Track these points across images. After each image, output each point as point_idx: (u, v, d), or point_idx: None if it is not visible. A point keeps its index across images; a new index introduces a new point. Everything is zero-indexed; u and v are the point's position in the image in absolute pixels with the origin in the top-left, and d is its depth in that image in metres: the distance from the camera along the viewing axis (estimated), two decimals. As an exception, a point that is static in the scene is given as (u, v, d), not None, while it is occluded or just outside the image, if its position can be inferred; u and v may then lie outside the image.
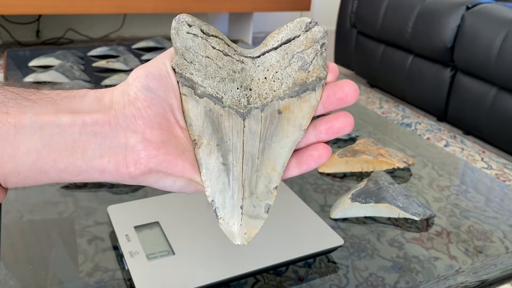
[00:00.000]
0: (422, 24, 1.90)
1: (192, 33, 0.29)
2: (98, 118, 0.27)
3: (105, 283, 0.41)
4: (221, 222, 0.29)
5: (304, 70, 0.29)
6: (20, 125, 0.25)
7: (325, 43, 0.30)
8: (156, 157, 0.27)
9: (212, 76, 0.29)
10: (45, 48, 1.13)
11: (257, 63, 0.30)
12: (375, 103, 2.16)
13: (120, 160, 0.27)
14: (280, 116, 0.29)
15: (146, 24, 2.97)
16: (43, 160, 0.26)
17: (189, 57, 0.29)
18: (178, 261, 0.42)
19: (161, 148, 0.27)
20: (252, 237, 0.29)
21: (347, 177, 0.62)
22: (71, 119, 0.26)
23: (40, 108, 0.26)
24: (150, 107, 0.27)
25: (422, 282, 0.44)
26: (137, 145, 0.27)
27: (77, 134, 0.26)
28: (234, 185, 0.29)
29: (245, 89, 0.29)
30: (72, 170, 0.27)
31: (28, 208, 0.51)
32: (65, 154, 0.26)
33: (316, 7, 3.46)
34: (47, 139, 0.26)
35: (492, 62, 1.62)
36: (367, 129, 0.78)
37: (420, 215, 0.52)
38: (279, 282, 0.42)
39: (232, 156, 0.29)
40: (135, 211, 0.48)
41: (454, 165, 0.68)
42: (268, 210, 0.29)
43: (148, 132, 0.27)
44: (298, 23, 0.30)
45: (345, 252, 0.47)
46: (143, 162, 0.27)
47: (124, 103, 0.27)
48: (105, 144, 0.27)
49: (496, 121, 1.64)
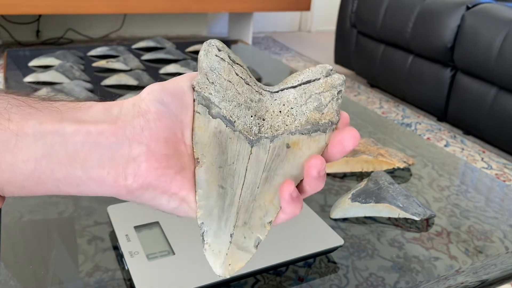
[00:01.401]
0: (422, 24, 1.90)
1: (220, 56, 0.30)
2: (103, 128, 0.26)
3: (105, 283, 0.41)
4: (207, 248, 0.28)
5: (318, 111, 0.30)
6: (23, 132, 0.25)
7: (342, 91, 0.30)
8: (157, 170, 0.27)
9: (230, 100, 0.29)
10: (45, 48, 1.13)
11: (274, 96, 0.30)
12: (375, 103, 2.16)
13: (119, 171, 0.26)
14: (288, 150, 0.29)
15: (146, 24, 2.97)
16: (42, 169, 0.25)
17: (212, 78, 0.29)
18: (178, 261, 0.42)
19: (162, 161, 0.27)
20: (235, 271, 0.28)
21: (347, 177, 0.62)
22: (75, 128, 0.26)
23: (44, 116, 0.26)
24: (160, 120, 0.27)
25: (422, 282, 0.44)
26: (140, 156, 0.26)
27: (80, 143, 0.26)
28: (229, 210, 0.28)
29: (259, 118, 0.30)
30: (70, 181, 0.26)
31: (28, 208, 0.51)
32: (64, 164, 0.26)
33: (316, 7, 3.46)
34: (48, 148, 0.25)
35: (492, 62, 1.62)
36: (367, 129, 0.78)
37: (420, 215, 0.52)
38: (279, 282, 0.42)
39: (233, 180, 0.29)
40: (135, 211, 0.48)
41: (454, 165, 0.68)
42: (258, 245, 0.28)
43: (153, 145, 0.27)
44: (320, 68, 0.31)
45: (345, 252, 0.47)
46: (143, 175, 0.26)
47: (134, 115, 0.27)
48: (107, 155, 0.26)
49: (496, 121, 1.64)
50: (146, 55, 1.08)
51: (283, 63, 1.41)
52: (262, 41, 3.23)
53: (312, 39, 3.42)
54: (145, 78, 0.91)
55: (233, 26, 3.01)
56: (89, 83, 0.87)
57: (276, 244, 0.44)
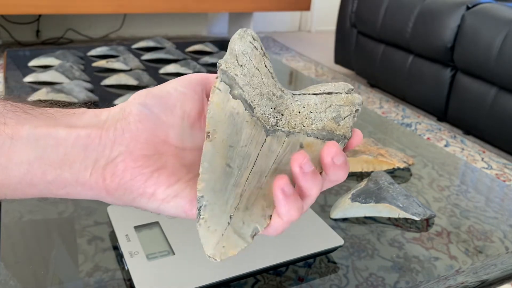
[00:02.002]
0: (422, 24, 1.90)
1: (254, 45, 0.30)
2: (91, 131, 0.27)
3: (105, 283, 0.41)
4: (202, 223, 0.26)
5: (336, 122, 0.30)
6: (17, 136, 0.26)
7: (359, 110, 0.31)
8: (133, 169, 0.27)
9: (254, 86, 0.29)
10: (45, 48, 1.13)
11: (295, 98, 0.31)
12: (375, 103, 2.16)
13: (99, 173, 0.27)
14: (301, 150, 0.29)
15: (146, 24, 2.97)
16: (34, 172, 0.26)
17: (242, 61, 0.29)
18: (178, 261, 0.42)
19: (139, 161, 0.27)
20: (227, 256, 0.26)
21: (347, 177, 0.62)
22: (67, 132, 0.27)
23: (38, 121, 0.27)
24: (141, 121, 0.28)
25: (422, 282, 0.44)
26: (118, 157, 0.27)
27: (70, 146, 0.27)
28: (232, 191, 0.27)
29: (278, 112, 0.30)
30: (59, 183, 0.27)
31: (28, 208, 0.51)
32: (55, 166, 0.26)
33: (316, 7, 3.46)
34: (40, 151, 0.26)
35: (492, 62, 1.62)
36: (367, 129, 0.78)
37: (420, 215, 0.52)
38: (279, 282, 0.42)
39: (242, 162, 0.28)
40: (135, 211, 0.48)
41: (454, 165, 0.68)
42: (255, 236, 0.27)
43: (132, 145, 0.27)
44: (343, 85, 0.32)
45: (345, 252, 0.47)
46: (119, 174, 0.27)
47: (118, 118, 0.28)
48: (92, 157, 0.27)
49: (496, 121, 1.64)
50: (146, 55, 1.07)
51: (283, 63, 1.41)
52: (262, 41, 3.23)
53: (312, 39, 3.42)
54: (145, 78, 0.91)
55: (233, 26, 3.01)
56: (89, 83, 0.87)
57: (276, 244, 0.44)
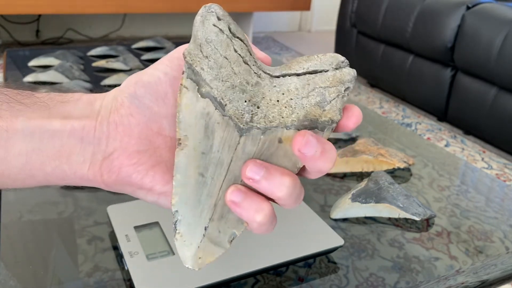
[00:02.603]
0: (422, 24, 1.90)
1: (219, 27, 0.26)
2: (85, 123, 0.27)
3: (105, 283, 0.41)
4: (178, 237, 0.26)
5: (320, 107, 0.27)
6: (12, 129, 0.26)
7: (350, 88, 0.28)
8: (128, 167, 0.27)
9: (223, 80, 0.26)
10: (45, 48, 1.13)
11: (274, 82, 0.27)
12: (375, 103, 2.16)
13: (96, 168, 0.27)
14: (280, 145, 0.27)
15: (146, 24, 2.97)
16: (32, 163, 0.26)
17: (206, 51, 0.26)
18: (178, 261, 0.41)
19: (133, 159, 0.27)
20: (205, 264, 0.27)
21: (347, 177, 0.62)
22: (61, 124, 0.27)
23: (32, 113, 0.27)
24: (133, 115, 0.27)
25: (423, 282, 0.44)
26: (113, 153, 0.27)
27: (66, 138, 0.27)
28: (206, 202, 0.27)
29: (253, 105, 0.27)
30: (58, 174, 0.27)
31: (28, 208, 0.51)
32: (53, 158, 0.27)
33: (316, 7, 3.46)
34: (37, 143, 0.26)
35: (492, 62, 1.62)
36: (367, 129, 0.78)
37: (420, 215, 0.52)
38: (279, 282, 0.42)
39: (214, 170, 0.27)
40: (135, 211, 0.48)
41: (454, 165, 0.68)
42: (232, 240, 0.27)
43: (126, 141, 0.27)
44: (331, 58, 0.28)
45: (345, 252, 0.47)
46: (115, 171, 0.27)
47: (111, 110, 0.27)
48: (89, 150, 0.27)
49: (496, 121, 1.64)
50: (146, 55, 1.07)
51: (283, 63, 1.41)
52: (262, 41, 3.23)
53: (312, 39, 3.42)
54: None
55: (233, 26, 3.01)
56: (89, 83, 0.87)
57: (276, 244, 0.44)
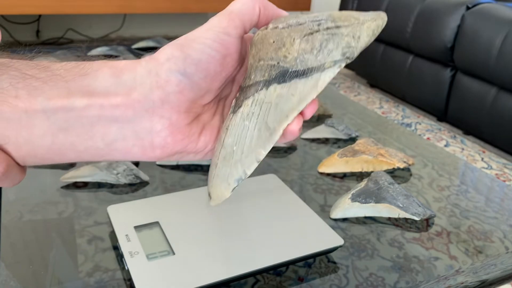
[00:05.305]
0: (422, 24, 1.90)
1: None
2: (117, 101, 0.25)
3: (105, 283, 0.41)
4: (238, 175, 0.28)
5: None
6: (32, 109, 0.24)
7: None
8: (182, 140, 0.27)
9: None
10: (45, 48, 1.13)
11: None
12: (375, 103, 2.16)
13: (146, 145, 0.26)
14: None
15: (146, 24, 2.97)
16: (60, 143, 0.25)
17: None
18: (178, 261, 0.42)
19: (186, 131, 0.27)
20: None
21: (347, 177, 0.62)
22: (86, 102, 0.25)
23: (50, 90, 0.25)
24: (182, 92, 0.26)
25: (422, 282, 0.44)
26: (164, 131, 0.26)
27: (95, 118, 0.25)
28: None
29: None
30: (93, 152, 0.26)
31: (28, 208, 0.51)
32: (84, 137, 0.25)
33: (316, 7, 3.46)
34: (62, 123, 0.25)
35: (492, 62, 1.62)
36: (367, 129, 0.78)
37: (420, 215, 0.52)
38: (279, 282, 0.42)
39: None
40: (135, 211, 0.48)
41: (454, 165, 0.68)
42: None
43: (175, 117, 0.26)
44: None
45: (345, 252, 0.47)
46: (169, 146, 0.27)
47: (151, 86, 0.26)
48: (128, 128, 0.26)
49: (496, 121, 1.64)
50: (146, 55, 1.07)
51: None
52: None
53: (312, 39, 3.41)
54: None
55: (233, 26, 3.01)
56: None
57: (276, 244, 0.44)
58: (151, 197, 0.51)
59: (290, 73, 0.27)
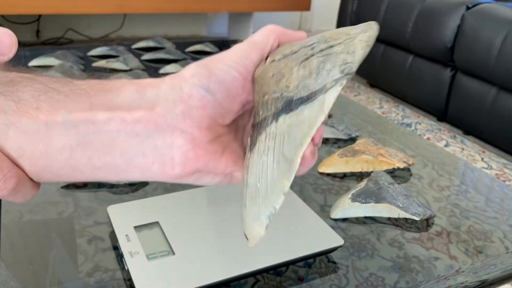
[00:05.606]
0: (422, 24, 1.90)
1: None
2: (140, 116, 0.25)
3: (105, 283, 0.41)
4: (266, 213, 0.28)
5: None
6: (52, 122, 0.24)
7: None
8: (204, 157, 0.27)
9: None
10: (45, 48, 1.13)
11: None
12: (375, 103, 2.16)
13: (166, 161, 0.26)
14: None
15: (146, 24, 2.97)
16: (77, 158, 0.25)
17: None
18: (178, 261, 0.42)
19: (208, 148, 0.27)
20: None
21: (347, 177, 0.62)
22: (108, 116, 0.25)
23: (73, 104, 0.25)
24: (204, 108, 0.26)
25: (422, 282, 0.44)
26: (185, 145, 0.26)
27: (115, 132, 0.25)
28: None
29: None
30: (110, 169, 0.26)
31: (28, 208, 0.51)
32: (102, 152, 0.25)
33: (316, 7, 3.46)
34: (82, 137, 0.25)
35: (492, 62, 1.62)
36: (367, 129, 0.78)
37: (420, 215, 0.52)
38: (279, 282, 0.42)
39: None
40: (135, 211, 0.48)
41: (454, 165, 0.68)
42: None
43: (196, 132, 0.26)
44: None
45: (345, 252, 0.47)
46: (191, 164, 0.26)
47: (175, 100, 0.26)
48: (149, 144, 0.25)
49: (496, 121, 1.64)
50: (146, 55, 1.07)
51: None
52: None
53: (312, 39, 3.41)
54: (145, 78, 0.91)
55: (233, 26, 3.01)
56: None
57: (276, 244, 0.44)
58: (151, 197, 0.51)
59: (295, 101, 0.27)
